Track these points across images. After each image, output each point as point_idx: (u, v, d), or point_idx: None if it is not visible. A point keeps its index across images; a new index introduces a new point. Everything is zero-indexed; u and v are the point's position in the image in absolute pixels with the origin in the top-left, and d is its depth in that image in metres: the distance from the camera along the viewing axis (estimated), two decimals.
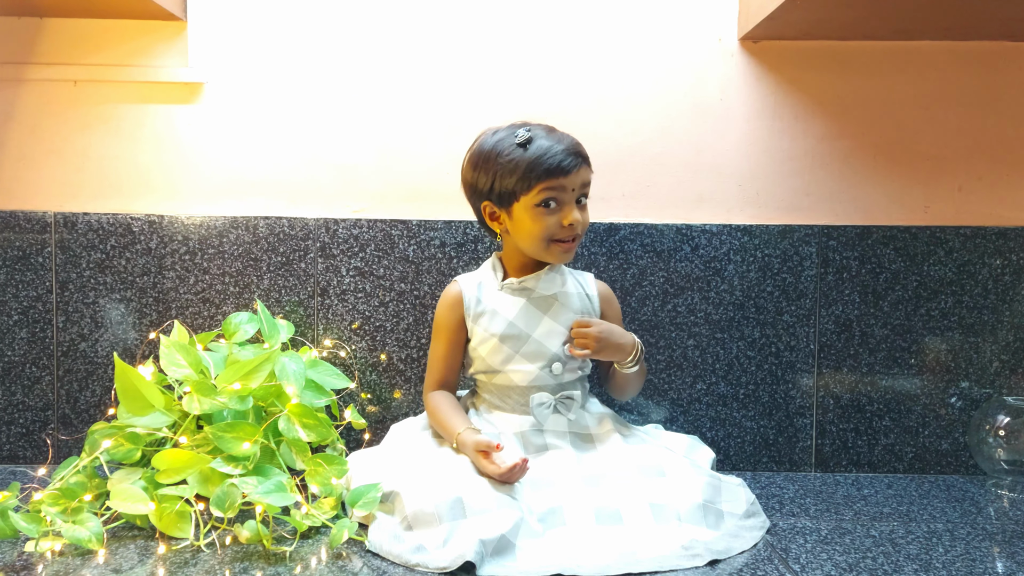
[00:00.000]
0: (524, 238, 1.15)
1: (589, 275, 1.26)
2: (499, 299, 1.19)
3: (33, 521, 0.99)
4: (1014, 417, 1.26)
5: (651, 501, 1.04)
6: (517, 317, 1.17)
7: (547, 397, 1.15)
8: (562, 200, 1.12)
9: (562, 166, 1.10)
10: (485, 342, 1.17)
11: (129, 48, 1.35)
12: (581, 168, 1.13)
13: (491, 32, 1.36)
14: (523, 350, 1.16)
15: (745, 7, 1.32)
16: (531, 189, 1.12)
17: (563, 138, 1.14)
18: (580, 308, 1.20)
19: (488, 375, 1.19)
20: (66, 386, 1.35)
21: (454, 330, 1.20)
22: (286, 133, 1.37)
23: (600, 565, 0.95)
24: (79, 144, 1.36)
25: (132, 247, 1.35)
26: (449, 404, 1.18)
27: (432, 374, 1.22)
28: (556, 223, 1.12)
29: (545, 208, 1.12)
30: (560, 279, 1.20)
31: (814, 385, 1.36)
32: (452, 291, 1.21)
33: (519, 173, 1.11)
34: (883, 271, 1.35)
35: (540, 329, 1.17)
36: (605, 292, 1.25)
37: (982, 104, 1.36)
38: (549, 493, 1.05)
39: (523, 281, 1.18)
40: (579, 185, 1.14)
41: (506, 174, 1.12)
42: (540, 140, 1.12)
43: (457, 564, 0.93)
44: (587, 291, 1.23)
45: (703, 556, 0.98)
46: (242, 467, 1.03)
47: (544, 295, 1.18)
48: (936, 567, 0.97)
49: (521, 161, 1.11)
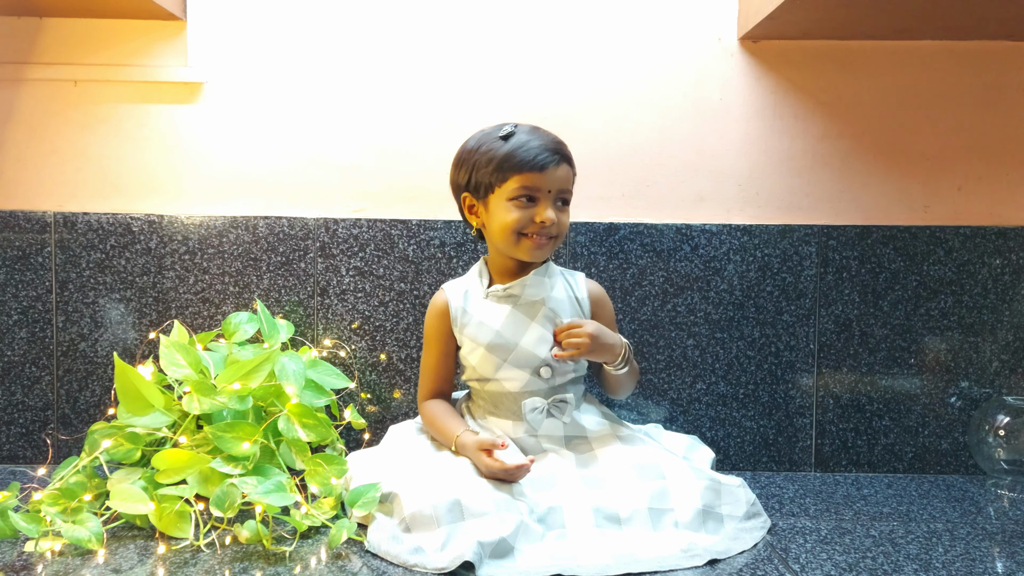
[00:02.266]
0: (496, 231, 1.13)
1: (580, 275, 1.22)
2: (484, 308, 1.16)
3: (33, 521, 0.99)
4: (1014, 417, 1.26)
5: (650, 506, 1.03)
6: (503, 326, 1.14)
7: (540, 402, 1.13)
8: (537, 197, 1.11)
9: (537, 160, 1.09)
10: (473, 351, 1.16)
11: (129, 48, 1.35)
12: (559, 166, 1.11)
13: (490, 32, 1.36)
14: (511, 358, 1.14)
15: (745, 7, 1.32)
16: (506, 180, 1.11)
17: (545, 136, 1.13)
18: (570, 312, 1.17)
19: (480, 382, 1.18)
20: (66, 386, 1.35)
21: (443, 340, 1.19)
22: (286, 133, 1.37)
23: (599, 566, 0.95)
24: (79, 144, 1.37)
25: (132, 247, 1.35)
26: (444, 410, 1.18)
27: (425, 383, 1.21)
28: (528, 218, 1.11)
29: (519, 202, 1.11)
30: (548, 282, 1.17)
31: (814, 385, 1.36)
32: (439, 301, 1.19)
33: (495, 163, 1.11)
34: (883, 271, 1.35)
35: (527, 336, 1.14)
36: (596, 293, 1.22)
37: (982, 104, 1.36)
38: (549, 494, 1.05)
39: (508, 288, 1.15)
40: (556, 185, 1.11)
41: (483, 164, 1.12)
42: (521, 135, 1.12)
43: (455, 564, 0.92)
44: (577, 293, 1.20)
45: (702, 556, 0.98)
46: (242, 467, 1.03)
47: (531, 300, 1.15)
48: (936, 567, 0.97)
49: (498, 152, 1.11)
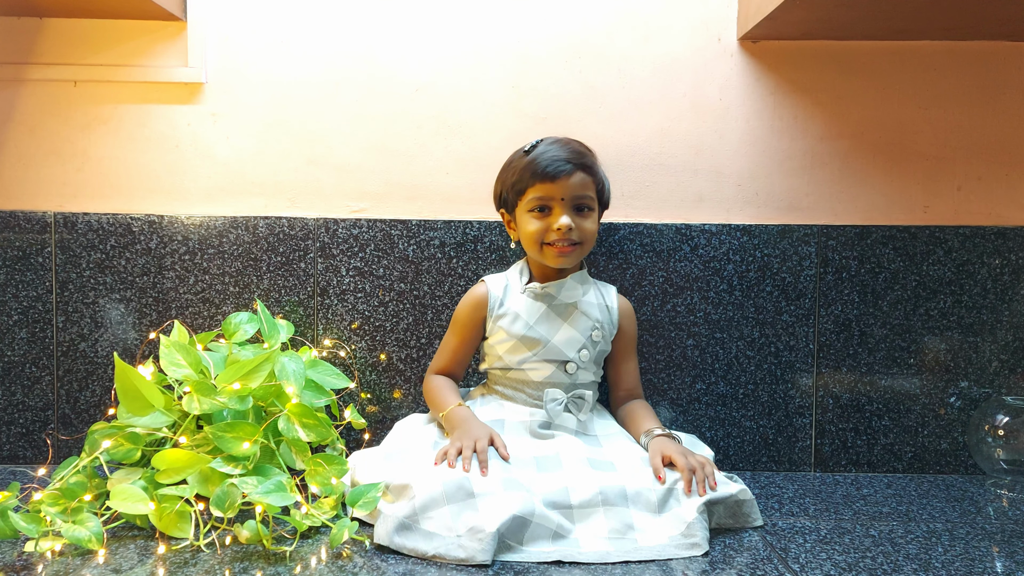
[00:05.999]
0: (524, 242, 1.20)
1: (613, 288, 1.28)
2: (521, 302, 1.21)
3: (33, 521, 0.99)
4: (1013, 417, 1.26)
5: (656, 487, 1.04)
6: (537, 322, 1.19)
7: (560, 394, 1.17)
8: (552, 205, 1.16)
9: (548, 171, 1.15)
10: (504, 342, 1.20)
11: (129, 48, 1.35)
12: (573, 174, 1.15)
13: (490, 32, 1.36)
14: (541, 353, 1.19)
15: (745, 7, 1.32)
16: (525, 193, 1.17)
17: (566, 147, 1.18)
18: (599, 318, 1.22)
19: (503, 371, 1.22)
20: (66, 386, 1.35)
21: (472, 328, 1.23)
22: (286, 133, 1.37)
23: (600, 553, 0.97)
24: (79, 144, 1.37)
25: (132, 247, 1.35)
26: (448, 385, 1.23)
27: (440, 360, 1.26)
28: (546, 227, 1.16)
29: (539, 212, 1.17)
30: (582, 288, 1.22)
31: (813, 385, 1.36)
32: (479, 291, 1.24)
33: (516, 177, 1.18)
34: (882, 271, 1.35)
35: (559, 335, 1.19)
36: (626, 307, 1.28)
37: (982, 104, 1.36)
38: (557, 475, 1.06)
39: (545, 287, 1.20)
40: (571, 192, 1.16)
41: (508, 179, 1.20)
42: (542, 147, 1.18)
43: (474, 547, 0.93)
44: (608, 302, 1.25)
45: (701, 546, 0.99)
46: (242, 467, 1.03)
47: (565, 303, 1.21)
48: (935, 567, 0.97)
49: (519, 166, 1.18)
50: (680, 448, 1.10)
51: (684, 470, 1.05)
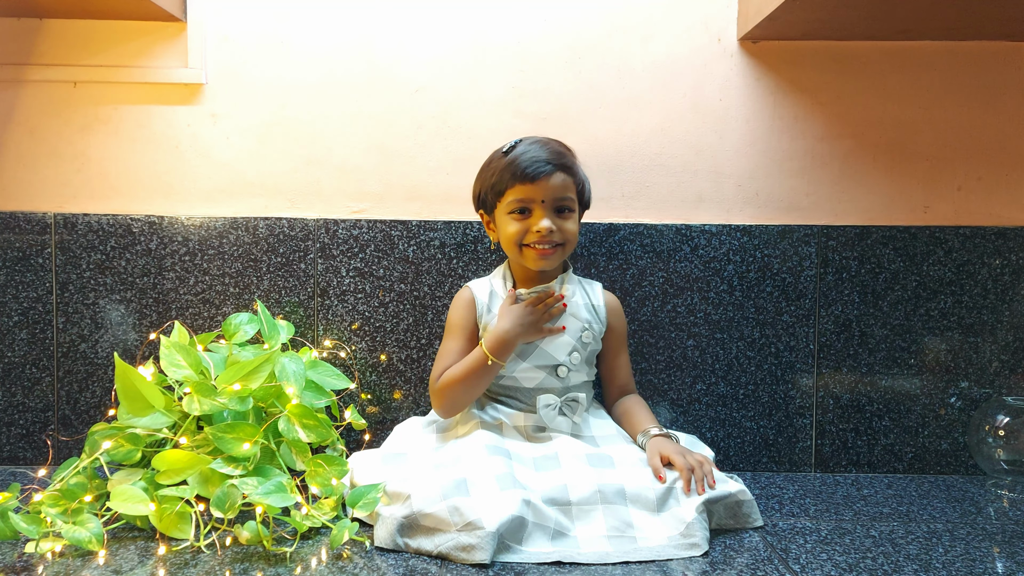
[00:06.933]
0: (504, 243, 1.19)
1: (598, 284, 1.27)
2: None
3: (33, 522, 0.99)
4: (1013, 417, 1.26)
5: (655, 487, 1.04)
6: None
7: (553, 399, 1.16)
8: (532, 207, 1.15)
9: (527, 172, 1.13)
10: None
11: (129, 49, 1.35)
12: (553, 175, 1.14)
13: (490, 32, 1.36)
14: (530, 358, 1.18)
15: (745, 7, 1.32)
16: (504, 194, 1.16)
17: (546, 147, 1.16)
18: (588, 319, 1.21)
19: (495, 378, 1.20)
20: (66, 387, 1.35)
21: (468, 328, 1.22)
22: (286, 133, 1.37)
23: (599, 553, 0.97)
24: (79, 145, 1.37)
25: (132, 248, 1.35)
26: None
27: (443, 363, 1.20)
28: (525, 229, 1.15)
29: (519, 214, 1.16)
30: (569, 289, 1.21)
31: (814, 385, 1.36)
32: (465, 295, 1.24)
33: (495, 178, 1.17)
34: (882, 271, 1.35)
35: (548, 340, 1.19)
36: (613, 304, 1.27)
37: (982, 104, 1.36)
38: (555, 473, 1.06)
39: (531, 293, 1.19)
40: (551, 194, 1.14)
41: (487, 180, 1.18)
42: (522, 148, 1.16)
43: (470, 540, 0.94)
44: (595, 301, 1.24)
45: (700, 546, 0.99)
46: (242, 468, 1.03)
47: None
48: (936, 567, 0.97)
49: (498, 167, 1.17)
50: (678, 447, 1.10)
51: (683, 469, 1.05)
